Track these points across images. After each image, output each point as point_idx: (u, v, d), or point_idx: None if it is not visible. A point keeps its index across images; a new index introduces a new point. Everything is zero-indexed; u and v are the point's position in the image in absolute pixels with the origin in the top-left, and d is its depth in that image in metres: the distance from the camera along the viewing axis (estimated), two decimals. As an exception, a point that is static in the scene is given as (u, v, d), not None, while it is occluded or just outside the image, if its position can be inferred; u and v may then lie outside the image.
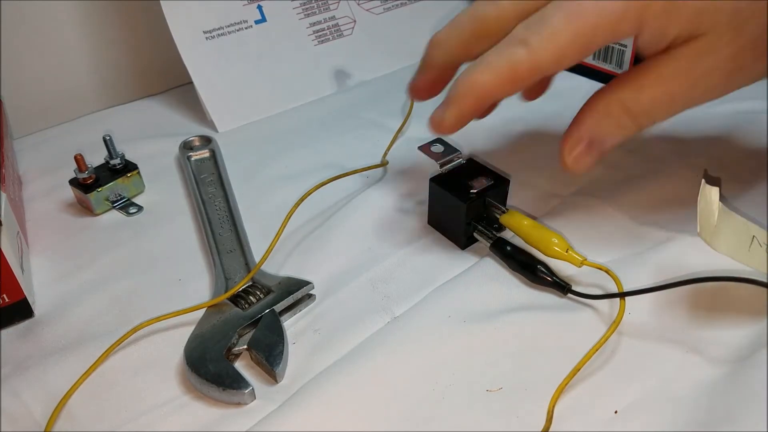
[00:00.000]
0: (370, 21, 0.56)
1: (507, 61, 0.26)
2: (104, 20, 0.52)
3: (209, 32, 0.49)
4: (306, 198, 0.37)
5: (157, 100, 0.54)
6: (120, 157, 0.41)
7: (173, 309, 0.32)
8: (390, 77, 0.54)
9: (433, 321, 0.30)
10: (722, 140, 0.41)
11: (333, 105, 0.51)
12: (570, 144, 0.28)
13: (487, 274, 0.33)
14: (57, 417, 0.28)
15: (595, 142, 0.28)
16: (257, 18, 0.51)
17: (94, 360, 0.30)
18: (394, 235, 0.37)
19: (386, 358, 0.29)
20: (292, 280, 0.33)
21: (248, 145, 0.47)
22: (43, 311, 0.34)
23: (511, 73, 0.26)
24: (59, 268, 0.36)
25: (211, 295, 0.33)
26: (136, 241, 0.38)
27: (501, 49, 0.26)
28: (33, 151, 0.48)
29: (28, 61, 0.50)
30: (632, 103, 0.27)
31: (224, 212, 0.39)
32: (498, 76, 0.26)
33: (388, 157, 0.43)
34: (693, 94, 0.27)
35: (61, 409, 0.28)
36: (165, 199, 0.42)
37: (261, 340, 0.29)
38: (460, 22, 0.29)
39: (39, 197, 0.42)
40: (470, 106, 0.28)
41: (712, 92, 0.27)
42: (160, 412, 0.28)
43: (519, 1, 0.27)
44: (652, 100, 0.27)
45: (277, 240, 0.34)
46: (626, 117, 0.27)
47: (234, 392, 0.27)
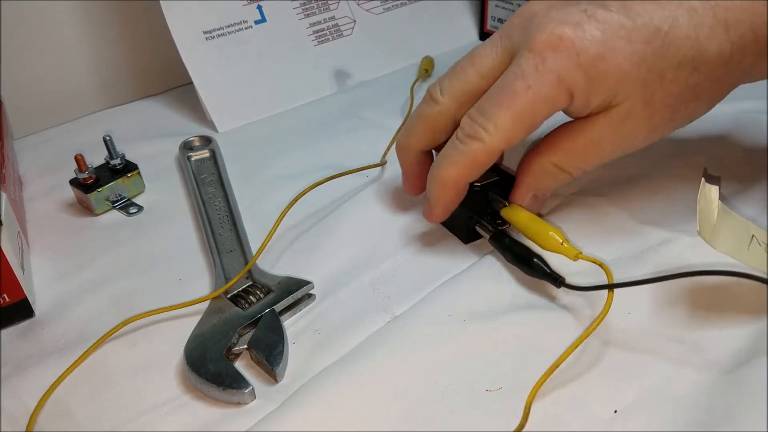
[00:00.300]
0: (369, 21, 0.56)
1: (466, 155, 0.30)
2: (104, 20, 0.52)
3: (209, 32, 0.49)
4: (302, 197, 0.37)
5: (158, 100, 0.54)
6: (120, 157, 0.41)
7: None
8: (390, 77, 0.54)
9: (433, 321, 0.30)
10: (722, 139, 0.41)
11: (333, 105, 0.51)
12: (519, 198, 0.33)
13: (487, 274, 0.33)
14: (43, 406, 0.28)
15: (538, 194, 0.33)
16: (257, 18, 0.51)
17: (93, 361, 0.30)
18: (394, 235, 0.37)
19: (386, 357, 0.28)
20: (292, 280, 0.33)
21: (248, 145, 0.47)
22: (43, 311, 0.34)
23: (472, 163, 0.30)
24: (59, 268, 0.36)
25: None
26: (136, 241, 0.38)
27: (456, 145, 0.31)
28: (33, 151, 0.48)
29: (28, 62, 0.50)
30: (565, 164, 0.31)
31: (224, 212, 0.39)
32: (462, 167, 0.31)
33: (388, 157, 0.43)
34: (617, 150, 0.31)
35: (47, 399, 0.28)
36: (165, 199, 0.42)
37: (261, 339, 0.29)
38: (413, 124, 0.34)
39: (39, 197, 0.42)
40: (449, 196, 0.32)
41: (635, 146, 0.31)
42: (160, 411, 0.28)
43: (455, 95, 0.32)
44: (582, 161, 0.31)
45: (271, 236, 0.34)
46: (561, 173, 0.32)
47: (234, 392, 0.27)
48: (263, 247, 0.34)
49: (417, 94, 0.51)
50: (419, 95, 0.51)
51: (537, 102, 0.28)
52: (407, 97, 0.50)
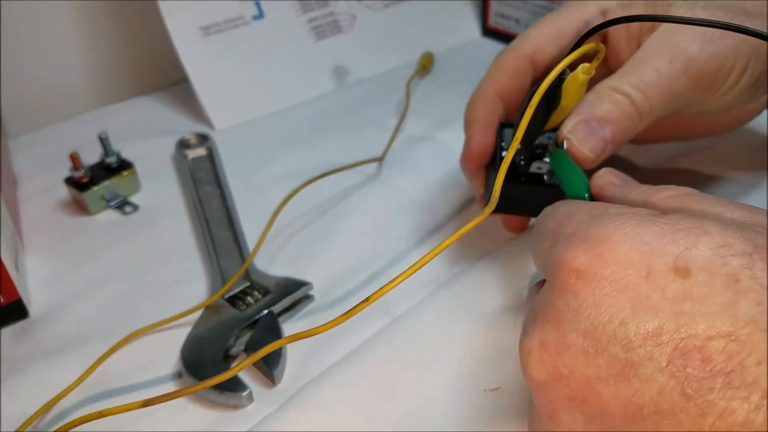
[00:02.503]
0: (370, 17, 0.55)
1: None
2: (99, 17, 0.51)
3: (206, 28, 0.49)
4: (302, 196, 0.37)
5: (154, 98, 0.53)
6: (116, 155, 0.41)
7: (170, 310, 0.31)
8: (390, 74, 0.54)
9: (433, 321, 0.30)
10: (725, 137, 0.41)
11: (332, 102, 0.51)
12: (567, 125, 0.29)
13: (486, 274, 0.32)
14: (44, 414, 0.27)
15: (592, 121, 0.29)
16: (254, 14, 0.51)
17: (91, 362, 0.29)
18: (393, 235, 0.36)
19: (386, 358, 0.28)
20: (291, 281, 0.32)
21: (246, 143, 0.46)
22: (38, 312, 0.33)
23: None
24: (54, 268, 0.36)
25: (208, 295, 0.33)
26: (131, 241, 0.38)
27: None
28: (28, 150, 0.47)
29: (23, 60, 0.49)
30: (620, 83, 0.28)
31: (221, 211, 0.38)
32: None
33: (388, 155, 0.43)
34: (673, 63, 0.28)
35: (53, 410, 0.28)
36: (161, 198, 0.41)
37: (259, 341, 0.29)
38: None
39: (34, 196, 0.42)
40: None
41: (689, 58, 0.28)
42: (158, 415, 0.27)
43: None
44: (636, 76, 0.28)
45: (265, 236, 0.34)
46: (616, 94, 0.28)
47: (231, 395, 0.27)
48: (258, 246, 0.33)
49: (414, 91, 0.50)
50: (416, 92, 0.51)
51: None
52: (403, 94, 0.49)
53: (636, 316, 0.18)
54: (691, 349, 0.17)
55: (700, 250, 0.18)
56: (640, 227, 0.19)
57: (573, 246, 0.20)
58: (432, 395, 0.27)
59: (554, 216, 0.23)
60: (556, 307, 0.19)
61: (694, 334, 0.17)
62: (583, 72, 0.25)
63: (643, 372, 0.17)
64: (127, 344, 0.31)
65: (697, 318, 0.17)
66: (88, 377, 0.29)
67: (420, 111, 0.48)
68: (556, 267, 0.20)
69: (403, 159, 0.43)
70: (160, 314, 0.32)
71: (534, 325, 0.20)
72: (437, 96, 0.50)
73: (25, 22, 0.48)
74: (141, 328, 0.31)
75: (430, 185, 0.40)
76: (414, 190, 0.40)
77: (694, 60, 0.27)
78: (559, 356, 0.19)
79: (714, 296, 0.17)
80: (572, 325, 0.19)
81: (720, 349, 0.16)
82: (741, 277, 0.17)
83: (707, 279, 0.17)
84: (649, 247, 0.18)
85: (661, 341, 0.17)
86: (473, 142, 0.31)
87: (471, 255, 0.34)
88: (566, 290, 0.19)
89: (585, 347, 0.18)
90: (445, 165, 0.41)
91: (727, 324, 0.16)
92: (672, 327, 0.17)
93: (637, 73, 0.28)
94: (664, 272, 0.18)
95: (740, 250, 0.17)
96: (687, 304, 0.17)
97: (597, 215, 0.20)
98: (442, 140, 0.45)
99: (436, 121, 0.47)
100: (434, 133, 0.46)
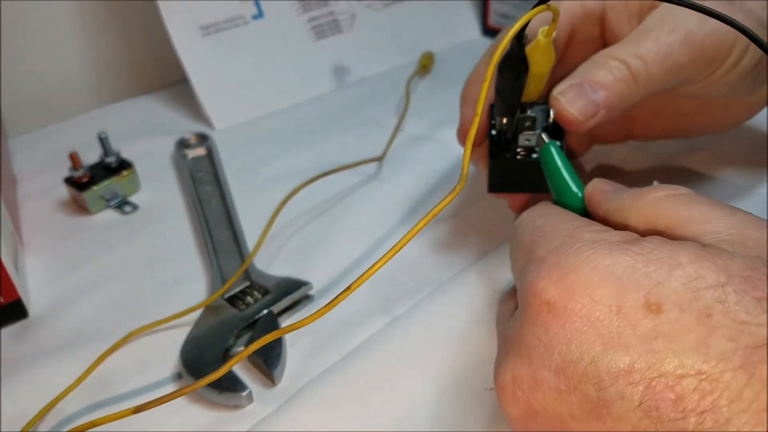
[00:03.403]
0: (370, 16, 0.55)
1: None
2: (99, 17, 0.51)
3: (206, 28, 0.49)
4: (301, 196, 0.36)
5: (153, 97, 0.53)
6: (115, 155, 0.41)
7: (169, 310, 0.31)
8: (390, 73, 0.54)
9: (433, 321, 0.30)
10: (725, 136, 0.41)
11: (332, 102, 0.51)
12: (560, 86, 0.28)
13: (486, 273, 0.32)
14: (44, 416, 0.27)
15: (584, 84, 0.28)
16: (254, 13, 0.51)
17: (89, 361, 0.29)
18: (393, 234, 0.36)
19: (386, 358, 0.28)
20: (290, 281, 0.32)
21: (245, 143, 0.46)
22: (37, 311, 0.33)
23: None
24: (54, 268, 0.36)
25: (207, 295, 0.33)
26: (131, 241, 0.38)
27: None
28: (27, 150, 0.47)
29: (22, 60, 0.49)
30: (618, 51, 0.27)
31: (221, 211, 0.38)
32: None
33: (388, 154, 0.42)
34: (671, 36, 0.27)
35: (51, 410, 0.28)
36: (161, 197, 0.41)
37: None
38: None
39: (34, 196, 0.42)
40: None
41: (687, 36, 0.27)
42: (158, 414, 0.27)
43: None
44: (635, 45, 0.28)
45: (264, 236, 0.34)
46: (613, 61, 0.27)
47: (231, 395, 0.27)
48: (258, 246, 0.33)
49: (414, 91, 0.50)
50: (416, 91, 0.50)
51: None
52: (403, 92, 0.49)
53: (607, 354, 0.17)
54: (663, 388, 0.16)
55: (671, 284, 0.17)
56: (612, 257, 0.19)
57: (543, 275, 0.19)
58: (432, 395, 0.27)
59: (530, 229, 0.23)
60: (528, 341, 0.19)
61: (665, 373, 0.17)
62: (544, 35, 0.25)
63: (615, 411, 0.17)
64: (127, 344, 0.31)
65: (669, 356, 0.17)
66: (88, 377, 0.29)
67: (420, 110, 0.48)
68: (527, 296, 0.20)
69: (403, 158, 0.43)
70: (159, 314, 0.32)
71: (507, 357, 0.20)
72: (437, 96, 0.50)
73: (25, 22, 0.48)
74: (140, 327, 0.31)
75: (430, 185, 0.40)
76: (414, 189, 0.40)
77: (693, 32, 0.27)
78: (532, 393, 0.19)
79: (686, 333, 0.17)
80: (544, 362, 0.18)
81: (692, 388, 0.16)
82: (713, 312, 0.17)
83: (678, 315, 0.17)
84: (620, 282, 0.18)
85: (632, 380, 0.17)
86: (465, 118, 0.31)
87: (470, 255, 0.34)
88: (537, 323, 0.19)
89: (557, 384, 0.18)
90: (445, 164, 0.41)
91: (699, 362, 0.16)
92: (644, 365, 0.17)
93: (636, 42, 0.27)
94: (635, 308, 0.18)
95: (713, 282, 0.17)
96: (658, 341, 0.17)
97: (569, 239, 0.20)
98: (442, 140, 0.44)
99: (436, 120, 0.47)
100: (434, 132, 0.45)
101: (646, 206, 0.22)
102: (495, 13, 0.58)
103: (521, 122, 0.28)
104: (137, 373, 0.29)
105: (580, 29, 0.31)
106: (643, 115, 0.35)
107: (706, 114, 0.34)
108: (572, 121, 0.27)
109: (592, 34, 0.31)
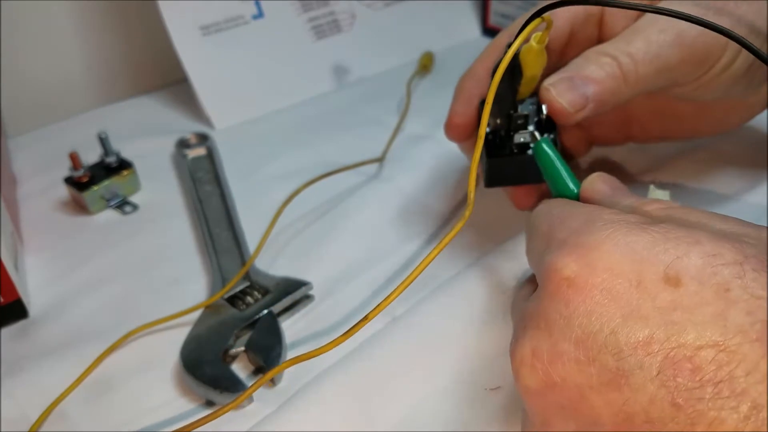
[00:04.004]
0: (370, 16, 0.55)
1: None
2: (99, 17, 0.51)
3: (206, 28, 0.49)
4: (301, 196, 0.36)
5: (153, 97, 0.53)
6: (115, 155, 0.41)
7: (169, 309, 0.31)
8: (390, 73, 0.54)
9: (433, 321, 0.30)
10: (724, 136, 0.41)
11: (332, 101, 0.51)
12: (551, 80, 0.28)
13: (486, 274, 0.32)
14: (46, 418, 0.27)
15: (575, 78, 0.28)
16: (254, 13, 0.51)
17: (90, 361, 0.29)
18: (393, 234, 0.36)
19: (386, 358, 0.28)
20: (291, 281, 0.32)
21: (246, 143, 0.46)
22: (37, 311, 0.33)
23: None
24: (54, 268, 0.36)
25: (208, 295, 0.33)
26: (131, 241, 0.38)
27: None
28: (27, 149, 0.47)
29: (23, 60, 0.49)
30: (610, 48, 0.28)
31: (221, 211, 0.38)
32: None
33: (388, 154, 0.42)
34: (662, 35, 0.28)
35: (52, 411, 0.28)
36: (161, 197, 0.41)
37: (259, 341, 0.29)
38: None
39: (34, 196, 0.42)
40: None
41: (681, 39, 0.28)
42: (158, 414, 0.27)
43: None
44: (627, 43, 0.28)
45: (267, 237, 0.34)
46: (603, 57, 0.28)
47: (231, 395, 0.27)
48: (259, 248, 0.33)
49: (414, 91, 0.50)
50: (416, 91, 0.50)
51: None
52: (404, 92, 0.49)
53: (627, 325, 0.18)
54: (681, 358, 0.17)
55: (690, 260, 0.18)
56: (632, 235, 0.19)
57: (564, 253, 0.20)
58: (432, 395, 0.27)
59: (547, 218, 0.23)
60: (547, 315, 0.19)
61: (684, 344, 0.17)
62: (537, 41, 0.26)
63: (633, 381, 0.17)
64: (128, 344, 0.31)
65: (688, 327, 0.17)
66: (88, 378, 0.29)
67: (420, 110, 0.48)
68: (547, 274, 0.20)
69: (403, 158, 0.43)
70: (159, 314, 0.32)
71: (525, 332, 0.20)
72: (437, 96, 0.50)
73: (25, 22, 0.48)
74: (139, 327, 0.31)
75: (430, 185, 0.40)
76: (414, 189, 0.40)
77: (684, 32, 0.27)
78: (552, 364, 0.19)
79: (704, 306, 0.17)
80: (564, 334, 0.19)
81: (709, 359, 0.16)
82: (731, 287, 0.17)
83: (698, 288, 0.17)
84: (639, 256, 0.18)
85: (651, 350, 0.17)
86: (453, 113, 0.32)
87: (471, 254, 0.34)
88: (557, 298, 0.19)
89: (577, 356, 0.18)
90: (446, 164, 0.41)
91: (716, 334, 0.17)
92: (662, 336, 0.17)
93: (627, 40, 0.28)
94: (655, 281, 0.18)
95: (731, 260, 0.18)
96: (677, 313, 0.17)
97: (589, 221, 0.21)
98: (442, 140, 0.44)
99: (437, 120, 0.46)
100: (434, 132, 0.45)
101: (646, 214, 0.22)
102: (495, 13, 0.58)
103: (515, 120, 0.29)
104: (138, 372, 0.29)
105: (579, 30, 0.31)
106: (642, 117, 0.35)
107: (705, 116, 0.34)
108: (562, 111, 0.27)
109: (592, 35, 0.31)
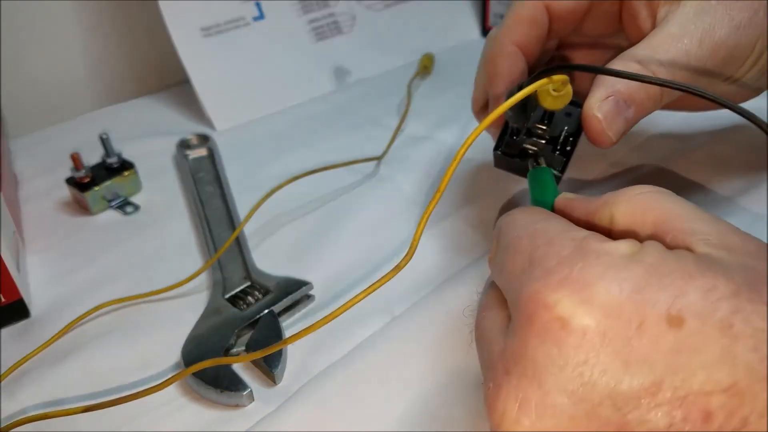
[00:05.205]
0: (370, 17, 0.55)
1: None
2: (100, 18, 0.51)
3: (207, 29, 0.49)
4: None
5: (155, 98, 0.53)
6: (117, 155, 0.41)
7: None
8: (390, 74, 0.54)
9: (433, 320, 0.30)
10: (724, 137, 0.41)
11: (332, 103, 0.51)
12: (595, 100, 0.27)
13: (486, 273, 0.32)
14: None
15: (618, 97, 0.27)
16: (255, 15, 0.51)
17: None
18: (393, 234, 0.36)
19: (386, 358, 0.28)
20: (291, 281, 0.32)
21: (246, 144, 0.46)
22: (39, 312, 0.33)
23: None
24: (56, 268, 0.36)
25: (208, 295, 0.33)
26: (133, 241, 0.38)
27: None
28: (29, 150, 0.47)
29: (24, 61, 0.49)
30: (645, 57, 0.27)
31: (222, 211, 0.38)
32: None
33: (388, 154, 0.43)
34: (699, 41, 0.27)
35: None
36: (162, 198, 0.41)
37: (259, 341, 0.29)
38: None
39: (35, 197, 0.42)
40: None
41: (715, 38, 0.27)
42: (158, 413, 0.27)
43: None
44: (663, 52, 0.27)
45: (242, 227, 0.35)
46: (638, 66, 0.27)
47: (232, 394, 0.27)
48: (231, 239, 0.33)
49: (414, 92, 0.50)
50: (417, 92, 0.51)
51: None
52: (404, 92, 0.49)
53: (629, 372, 0.16)
54: (692, 407, 0.16)
55: (689, 297, 0.17)
56: (627, 270, 0.17)
57: (553, 286, 0.18)
58: (432, 394, 0.27)
59: (529, 232, 0.21)
60: (535, 360, 0.17)
61: (693, 390, 0.16)
62: (555, 90, 0.25)
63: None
64: (128, 342, 0.31)
65: (696, 370, 0.16)
66: (89, 376, 0.29)
67: (420, 111, 0.48)
68: (534, 307, 0.18)
69: (403, 159, 0.43)
70: (159, 313, 0.32)
71: (508, 378, 0.18)
72: (438, 96, 0.50)
73: (25, 23, 0.48)
74: (114, 300, 0.32)
75: (429, 185, 0.40)
76: (414, 189, 0.40)
77: (720, 46, 0.27)
78: (541, 420, 0.17)
79: (710, 345, 0.16)
80: (557, 383, 0.17)
81: (721, 405, 0.15)
82: (734, 322, 0.16)
83: (701, 327, 0.16)
84: (639, 296, 0.17)
85: (658, 400, 0.16)
86: (474, 100, 0.33)
87: (470, 254, 0.34)
88: (547, 340, 0.17)
89: (573, 411, 0.16)
90: (445, 165, 0.41)
91: (725, 374, 0.16)
92: (669, 383, 0.16)
93: (669, 52, 0.26)
94: (657, 323, 0.16)
95: (727, 292, 0.17)
96: (683, 356, 0.16)
97: (580, 251, 0.19)
98: (442, 140, 0.45)
99: (437, 121, 0.47)
100: (435, 133, 0.46)
101: (633, 200, 0.21)
102: (495, 14, 0.58)
103: (534, 129, 0.29)
104: (138, 371, 0.29)
105: (598, 5, 0.30)
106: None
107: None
108: (606, 142, 0.26)
109: (611, 9, 0.31)
